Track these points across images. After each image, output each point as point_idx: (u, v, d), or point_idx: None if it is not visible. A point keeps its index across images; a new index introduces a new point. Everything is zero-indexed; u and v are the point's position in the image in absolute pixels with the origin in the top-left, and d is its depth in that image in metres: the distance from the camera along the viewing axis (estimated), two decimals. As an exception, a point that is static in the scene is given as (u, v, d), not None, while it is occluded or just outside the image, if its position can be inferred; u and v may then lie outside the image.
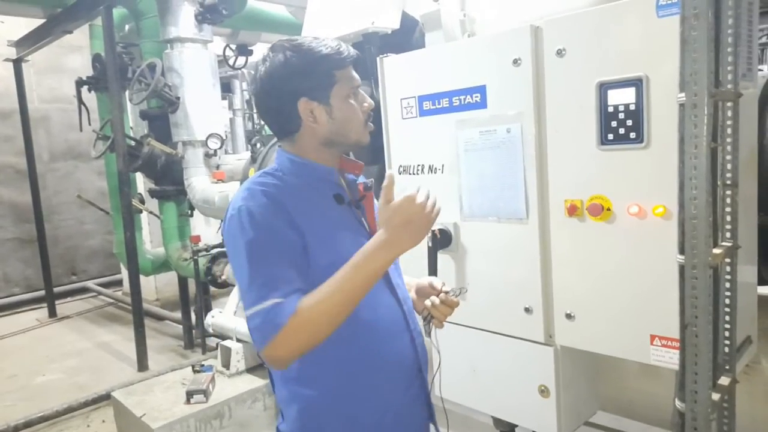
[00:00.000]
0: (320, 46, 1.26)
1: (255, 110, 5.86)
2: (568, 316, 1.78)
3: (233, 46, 5.39)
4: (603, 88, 1.60)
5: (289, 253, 1.17)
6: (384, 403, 1.33)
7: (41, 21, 5.26)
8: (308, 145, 1.31)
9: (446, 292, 1.36)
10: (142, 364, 4.46)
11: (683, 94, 1.21)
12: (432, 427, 1.48)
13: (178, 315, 5.32)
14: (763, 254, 1.80)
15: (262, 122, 6.51)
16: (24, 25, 5.86)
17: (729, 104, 1.39)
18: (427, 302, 1.36)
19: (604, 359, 1.85)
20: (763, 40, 8.21)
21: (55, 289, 6.58)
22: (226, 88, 8.05)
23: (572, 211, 1.71)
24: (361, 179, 1.42)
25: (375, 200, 1.44)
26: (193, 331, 4.94)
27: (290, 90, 1.25)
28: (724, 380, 1.44)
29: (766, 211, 1.75)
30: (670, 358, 1.55)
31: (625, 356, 1.70)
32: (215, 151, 4.46)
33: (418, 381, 1.41)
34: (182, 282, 5.10)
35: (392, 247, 1.16)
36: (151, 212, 5.21)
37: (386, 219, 1.17)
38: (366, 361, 1.29)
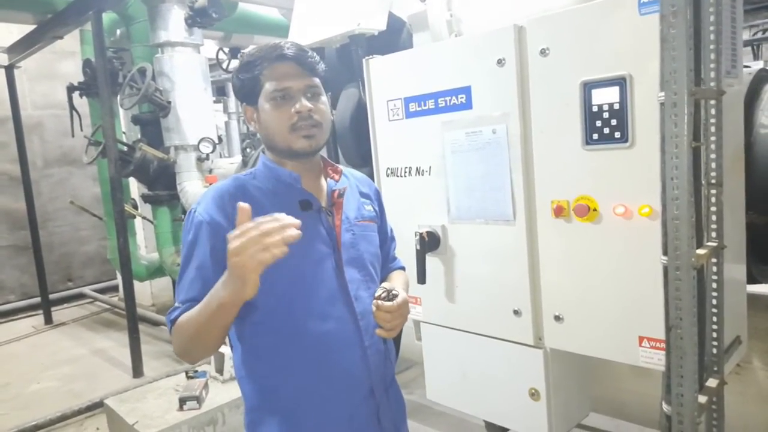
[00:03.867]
0: (256, 50, 1.27)
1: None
2: (557, 318, 1.76)
3: (226, 49, 5.37)
4: (587, 87, 1.59)
5: (202, 265, 1.20)
6: (326, 416, 1.29)
7: (32, 27, 5.25)
8: (266, 149, 1.34)
9: (376, 298, 1.25)
10: (137, 371, 4.43)
11: (663, 93, 1.19)
12: None
13: (173, 320, 5.29)
14: (752, 253, 1.78)
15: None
16: (15, 31, 5.84)
17: (712, 102, 1.37)
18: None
19: (595, 360, 1.83)
20: (758, 36, 8.21)
21: (51, 296, 6.55)
22: (221, 92, 8.04)
23: (559, 212, 1.69)
24: (339, 185, 1.37)
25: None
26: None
27: (238, 97, 1.33)
28: (711, 382, 1.43)
29: (754, 210, 1.74)
30: (659, 360, 1.53)
31: (614, 358, 1.68)
32: (207, 155, 4.44)
33: (371, 402, 1.33)
34: (177, 287, 5.08)
35: (220, 289, 1.05)
36: (144, 217, 5.19)
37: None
38: (310, 371, 1.27)
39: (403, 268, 1.62)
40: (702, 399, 1.32)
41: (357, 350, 1.30)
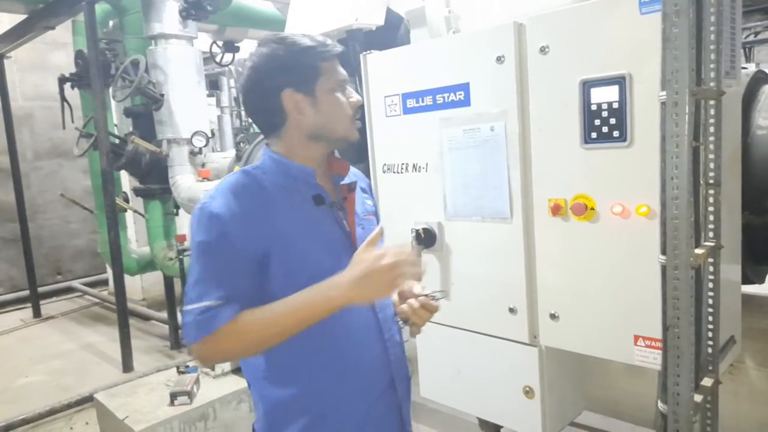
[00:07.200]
0: (305, 38, 1.26)
1: (243, 108, 5.79)
2: (553, 317, 1.76)
3: (220, 43, 5.33)
4: (586, 86, 1.58)
5: (235, 260, 1.16)
6: (347, 411, 1.29)
7: (23, 16, 5.18)
8: (294, 140, 1.29)
9: (426, 296, 1.29)
10: (127, 365, 4.41)
11: (664, 93, 1.19)
12: None
13: (164, 315, 5.26)
14: (747, 253, 1.79)
15: (250, 120, 6.46)
16: (6, 20, 5.77)
17: (711, 102, 1.37)
18: (405, 306, 1.30)
19: (589, 359, 1.83)
20: (750, 38, 8.27)
21: (40, 289, 6.50)
22: (214, 86, 7.96)
23: (556, 210, 1.69)
24: (347, 179, 1.37)
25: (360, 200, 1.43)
26: (179, 331, 4.90)
27: (275, 82, 1.24)
28: (707, 381, 1.43)
29: (750, 210, 1.74)
30: (654, 359, 1.54)
31: (609, 357, 1.68)
32: (200, 149, 4.40)
33: (389, 395, 1.35)
34: (168, 281, 5.05)
35: (343, 291, 1.12)
36: (135, 211, 5.15)
37: (354, 263, 1.14)
38: (332, 367, 1.27)
39: None
40: (697, 398, 1.33)
41: (378, 343, 1.32)
